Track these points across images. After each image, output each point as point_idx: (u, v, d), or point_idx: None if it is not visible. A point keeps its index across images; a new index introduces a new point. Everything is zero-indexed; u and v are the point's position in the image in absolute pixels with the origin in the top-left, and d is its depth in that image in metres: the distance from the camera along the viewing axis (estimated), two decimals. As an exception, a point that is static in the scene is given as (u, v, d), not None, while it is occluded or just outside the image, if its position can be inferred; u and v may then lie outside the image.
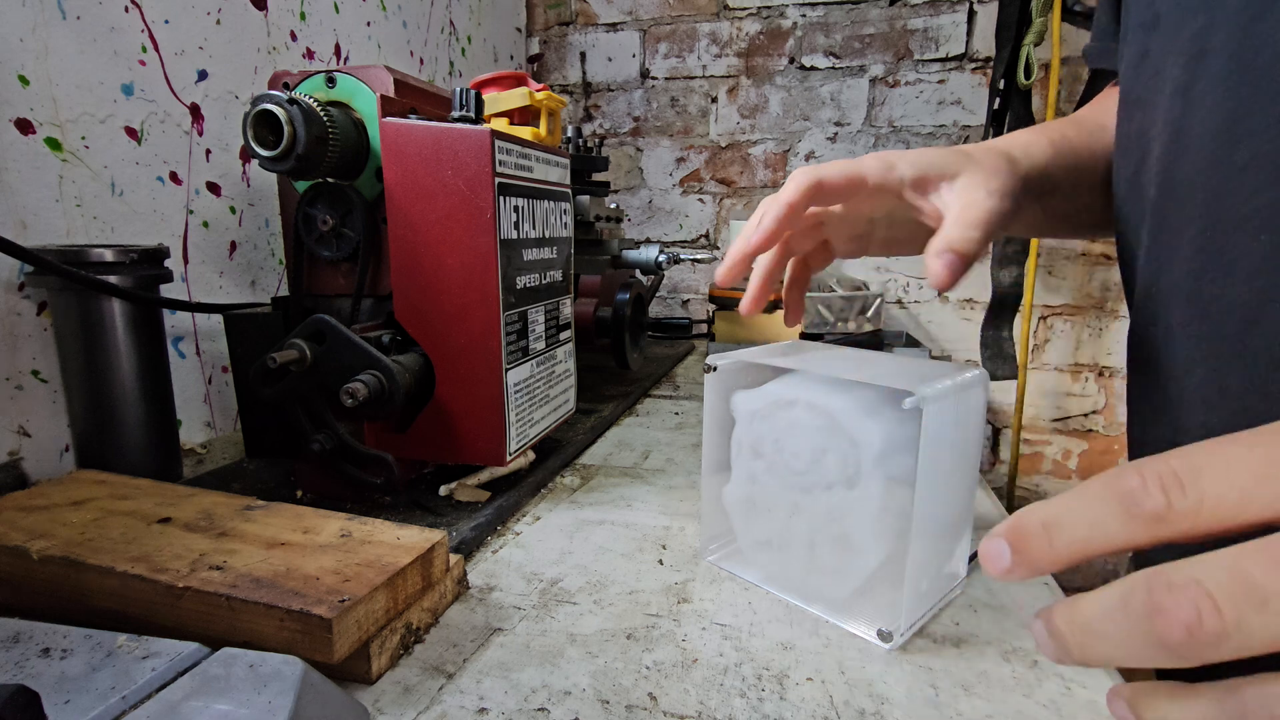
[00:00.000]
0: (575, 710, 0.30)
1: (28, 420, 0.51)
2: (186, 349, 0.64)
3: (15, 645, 0.27)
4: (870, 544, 0.34)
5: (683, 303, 1.46)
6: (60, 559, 0.32)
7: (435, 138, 0.44)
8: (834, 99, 1.31)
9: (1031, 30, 1.05)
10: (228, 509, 0.38)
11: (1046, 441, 1.33)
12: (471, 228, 0.45)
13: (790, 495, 0.37)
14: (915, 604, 0.35)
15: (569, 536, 0.47)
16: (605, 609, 0.38)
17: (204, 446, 0.64)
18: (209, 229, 0.66)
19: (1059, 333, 1.29)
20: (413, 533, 0.36)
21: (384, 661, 0.32)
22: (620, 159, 1.43)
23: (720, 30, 1.34)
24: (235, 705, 0.24)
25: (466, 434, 0.48)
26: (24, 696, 0.19)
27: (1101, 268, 1.25)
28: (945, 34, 1.24)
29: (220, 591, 0.30)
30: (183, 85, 0.63)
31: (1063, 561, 0.19)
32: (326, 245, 0.48)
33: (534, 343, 0.52)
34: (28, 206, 0.51)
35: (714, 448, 0.41)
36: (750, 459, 0.39)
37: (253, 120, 0.42)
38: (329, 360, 0.43)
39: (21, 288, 0.51)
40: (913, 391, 0.31)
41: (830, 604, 0.37)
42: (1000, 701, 0.30)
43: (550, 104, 0.67)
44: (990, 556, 0.20)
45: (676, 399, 0.85)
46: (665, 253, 0.91)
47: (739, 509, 0.40)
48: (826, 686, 0.31)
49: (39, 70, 0.51)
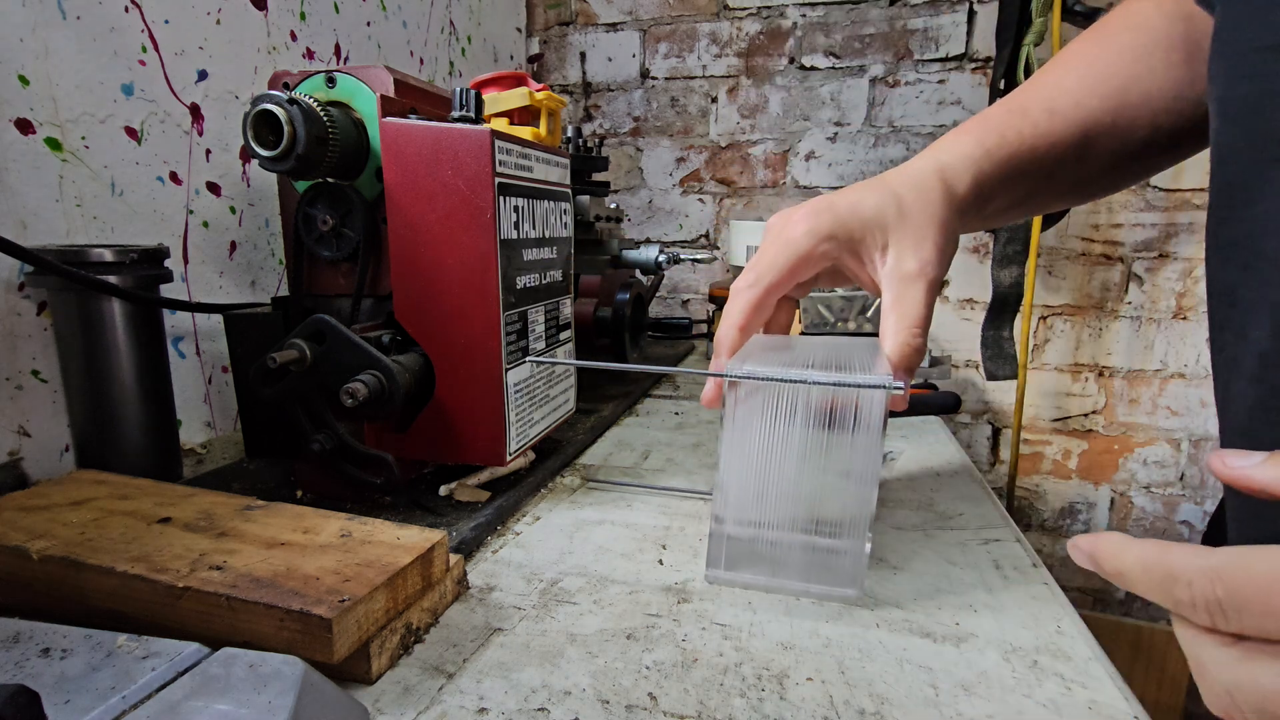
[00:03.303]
0: (575, 710, 0.30)
1: (28, 420, 0.51)
2: (186, 349, 0.64)
3: (15, 645, 0.27)
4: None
5: (683, 303, 1.46)
6: (60, 559, 0.32)
7: (435, 138, 0.44)
8: (834, 99, 1.31)
9: (1031, 30, 1.05)
10: (228, 509, 0.38)
11: (1046, 441, 1.33)
12: (471, 228, 0.45)
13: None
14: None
15: (569, 536, 0.47)
16: (605, 609, 0.38)
17: (204, 446, 0.64)
18: (209, 229, 0.66)
19: (1059, 333, 1.29)
20: (413, 533, 0.36)
21: (384, 661, 0.32)
22: (620, 159, 1.43)
23: (720, 30, 1.34)
24: (235, 705, 0.24)
25: (466, 434, 0.48)
26: (24, 696, 0.19)
27: (1101, 268, 1.25)
28: (945, 34, 1.24)
29: (220, 591, 0.30)
30: (183, 85, 0.63)
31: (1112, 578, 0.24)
32: (326, 245, 0.48)
33: (534, 343, 0.52)
34: (28, 206, 0.51)
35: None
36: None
37: (253, 120, 0.42)
38: (329, 360, 0.43)
39: (21, 288, 0.51)
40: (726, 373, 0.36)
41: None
42: (1000, 701, 0.30)
43: (550, 104, 0.67)
44: (1080, 549, 0.25)
45: (676, 399, 0.85)
46: (665, 253, 0.91)
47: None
48: (826, 686, 0.31)
49: (39, 70, 0.51)
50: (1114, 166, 0.45)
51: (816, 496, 0.37)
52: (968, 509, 0.52)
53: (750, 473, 0.38)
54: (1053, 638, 0.35)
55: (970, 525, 0.49)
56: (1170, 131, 0.44)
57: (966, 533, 0.48)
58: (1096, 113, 0.43)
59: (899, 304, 0.39)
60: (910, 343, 0.38)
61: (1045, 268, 1.27)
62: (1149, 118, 0.43)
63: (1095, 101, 0.43)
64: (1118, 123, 0.43)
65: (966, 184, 0.41)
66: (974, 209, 0.42)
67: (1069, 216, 1.21)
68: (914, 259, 0.39)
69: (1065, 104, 0.43)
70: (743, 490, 0.38)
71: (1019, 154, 0.42)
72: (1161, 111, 0.43)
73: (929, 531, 0.48)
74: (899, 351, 0.38)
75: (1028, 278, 1.14)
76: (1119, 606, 1.34)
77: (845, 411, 0.35)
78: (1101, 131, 0.43)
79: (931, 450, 0.66)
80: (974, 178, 0.41)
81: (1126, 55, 0.43)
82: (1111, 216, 1.24)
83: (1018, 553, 0.45)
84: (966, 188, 0.41)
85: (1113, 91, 0.43)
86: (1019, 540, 0.47)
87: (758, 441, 0.37)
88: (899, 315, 0.39)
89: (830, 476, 0.36)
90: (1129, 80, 0.43)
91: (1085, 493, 1.32)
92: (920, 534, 0.47)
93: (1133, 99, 0.43)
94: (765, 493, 0.38)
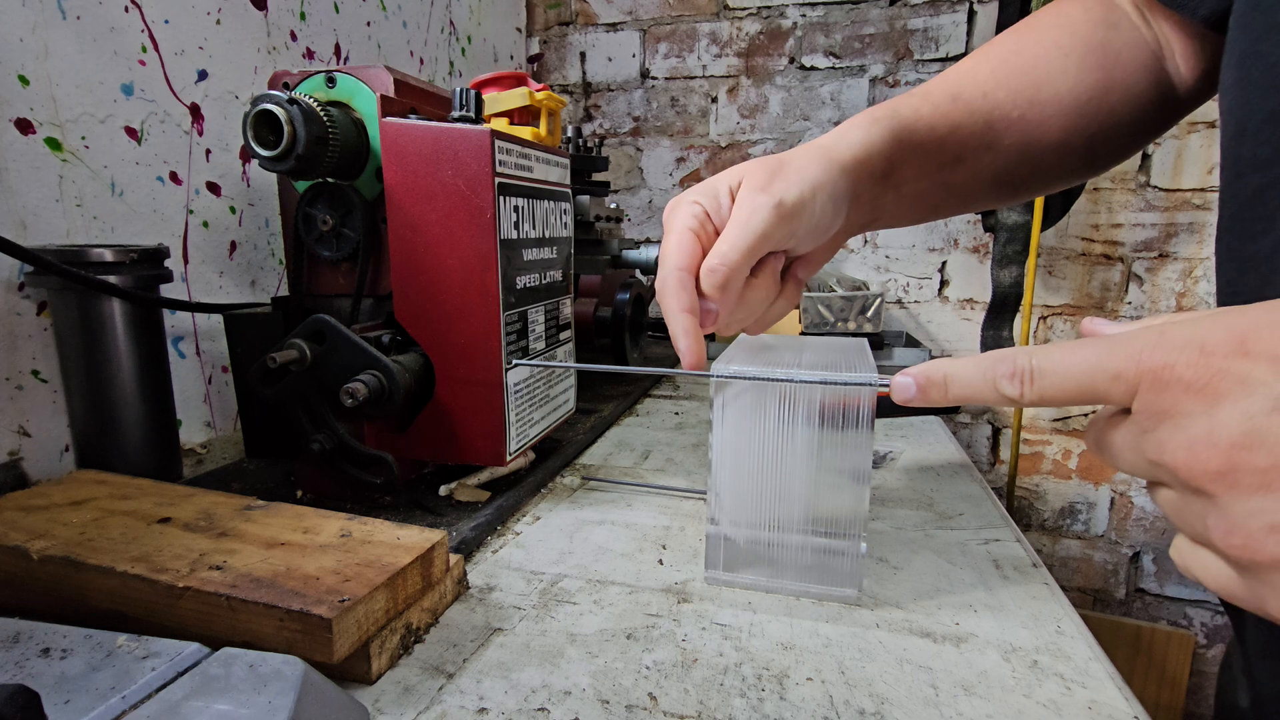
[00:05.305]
0: (575, 710, 0.30)
1: (28, 420, 0.51)
2: (186, 349, 0.64)
3: (15, 645, 0.27)
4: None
5: (683, 303, 1.46)
6: (60, 559, 0.32)
7: (435, 138, 0.44)
8: (834, 99, 1.31)
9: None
10: (228, 509, 0.38)
11: (1046, 441, 1.33)
12: (471, 228, 0.45)
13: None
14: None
15: (569, 536, 0.47)
16: (605, 609, 0.38)
17: (204, 446, 0.64)
18: (209, 229, 0.66)
19: (1059, 333, 1.29)
20: (413, 533, 0.36)
21: (384, 661, 0.32)
22: (620, 159, 1.43)
23: (720, 30, 1.34)
24: (235, 705, 0.24)
25: (466, 434, 0.48)
26: (24, 696, 0.19)
27: (1101, 267, 1.25)
28: (945, 34, 1.24)
29: (220, 591, 0.30)
30: (183, 85, 0.63)
31: (947, 404, 0.28)
32: (326, 245, 0.48)
33: (534, 343, 0.52)
34: (28, 206, 0.51)
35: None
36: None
37: (253, 120, 0.42)
38: (329, 360, 0.43)
39: (21, 288, 0.51)
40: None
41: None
42: (1000, 701, 0.30)
43: (550, 104, 0.67)
44: (900, 387, 0.29)
45: (676, 399, 0.85)
46: (665, 253, 0.91)
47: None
48: (826, 686, 0.31)
49: (39, 70, 0.51)
50: (1032, 164, 0.45)
51: (810, 496, 0.37)
52: (968, 509, 0.52)
53: (742, 473, 0.38)
54: (1053, 638, 0.35)
55: (970, 525, 0.49)
56: (1085, 139, 0.44)
57: (966, 533, 0.48)
58: (1004, 105, 0.43)
59: (732, 224, 0.36)
60: (720, 260, 0.35)
61: (1045, 268, 1.27)
62: (1060, 120, 0.43)
63: (1002, 94, 0.43)
64: (1026, 118, 0.43)
65: (854, 143, 0.40)
66: (868, 175, 0.40)
67: (1069, 216, 1.21)
68: (763, 176, 0.37)
69: (972, 92, 0.43)
70: (736, 491, 0.38)
71: (915, 130, 0.42)
72: (1074, 115, 0.43)
73: (929, 531, 0.48)
74: (709, 262, 0.35)
75: (1028, 278, 1.14)
76: (1119, 606, 1.34)
77: (834, 410, 0.35)
78: (1009, 125, 0.43)
79: (931, 450, 0.66)
80: (862, 143, 0.40)
81: (1046, 54, 0.44)
82: (1111, 216, 1.24)
83: (1018, 553, 0.45)
84: (853, 147, 0.39)
85: (1024, 87, 0.43)
86: (1019, 540, 0.47)
87: (748, 442, 0.37)
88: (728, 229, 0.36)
89: (822, 475, 0.36)
90: (1043, 79, 0.43)
91: (1085, 493, 1.32)
92: (920, 534, 0.47)
93: (1043, 97, 0.43)
94: (758, 493, 0.38)
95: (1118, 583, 1.33)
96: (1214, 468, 0.20)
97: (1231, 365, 0.20)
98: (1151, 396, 0.22)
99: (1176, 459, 0.21)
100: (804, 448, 0.36)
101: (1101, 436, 0.25)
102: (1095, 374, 0.23)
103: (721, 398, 0.37)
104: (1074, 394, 0.24)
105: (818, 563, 0.38)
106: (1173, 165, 1.20)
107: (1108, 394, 0.23)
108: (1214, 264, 0.41)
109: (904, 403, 0.29)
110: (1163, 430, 0.22)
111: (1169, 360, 0.21)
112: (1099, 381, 0.23)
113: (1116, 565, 1.33)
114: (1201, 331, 0.21)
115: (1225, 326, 0.21)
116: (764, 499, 0.38)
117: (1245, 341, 0.20)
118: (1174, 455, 0.21)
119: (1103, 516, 1.32)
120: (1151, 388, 0.22)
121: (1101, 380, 0.23)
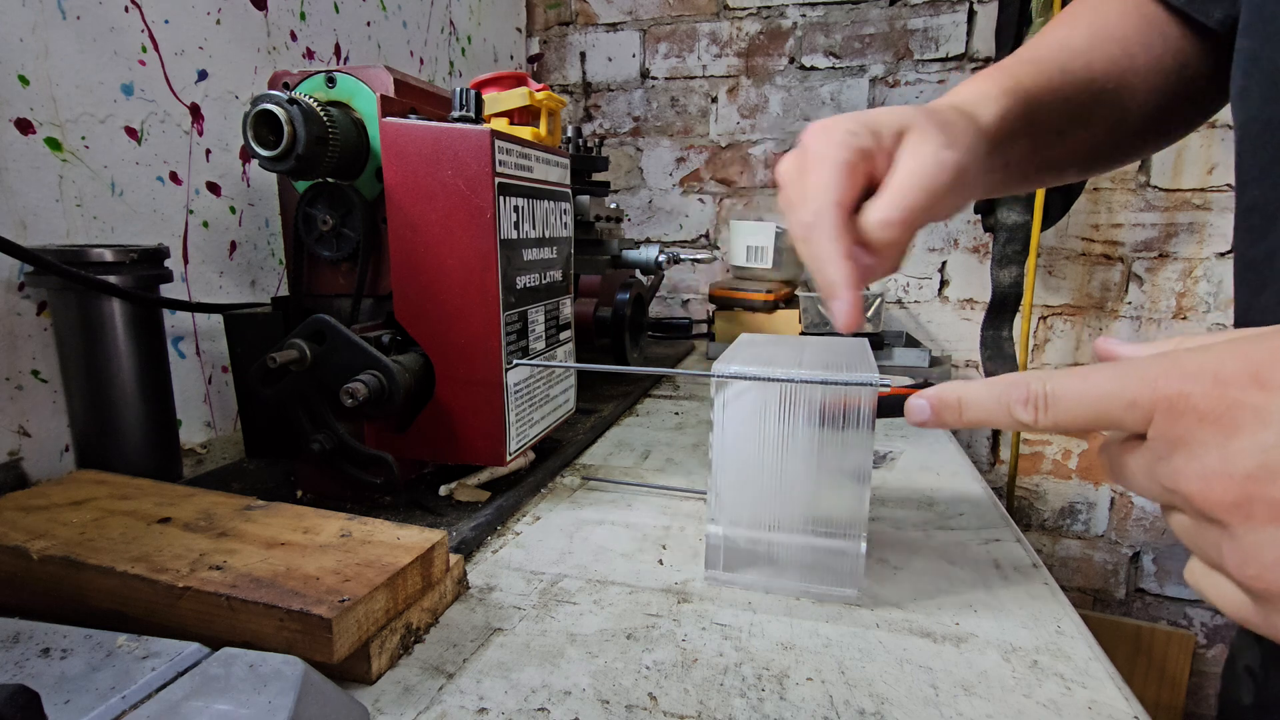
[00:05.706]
0: (575, 710, 0.30)
1: (28, 420, 0.51)
2: (186, 349, 0.64)
3: (15, 645, 0.27)
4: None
5: (683, 303, 1.46)
6: (60, 559, 0.32)
7: (435, 138, 0.44)
8: (834, 99, 1.31)
9: (1031, 30, 1.05)
10: (228, 509, 0.38)
11: (1046, 441, 1.33)
12: (471, 228, 0.45)
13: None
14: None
15: (569, 536, 0.47)
16: (605, 609, 0.38)
17: (204, 446, 0.64)
18: (209, 229, 0.66)
19: (1059, 333, 1.29)
20: (413, 533, 0.36)
21: (384, 661, 0.32)
22: (620, 159, 1.43)
23: (720, 30, 1.34)
24: (235, 705, 0.24)
25: (466, 434, 0.48)
26: (24, 696, 0.19)
27: (1101, 267, 1.25)
28: (945, 34, 1.24)
29: (220, 591, 0.30)
30: (183, 85, 0.63)
31: (961, 427, 0.28)
32: (326, 245, 0.48)
33: (534, 343, 0.52)
34: (28, 206, 0.51)
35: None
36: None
37: (253, 120, 0.42)
38: (329, 360, 0.43)
39: (21, 288, 0.51)
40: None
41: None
42: (1000, 701, 0.30)
43: (550, 104, 0.67)
44: (914, 410, 0.29)
45: (676, 399, 0.85)
46: (665, 253, 0.91)
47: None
48: (826, 686, 0.31)
49: (39, 70, 0.51)
50: (1114, 137, 0.44)
51: (810, 496, 0.37)
52: (968, 509, 0.52)
53: (743, 473, 0.38)
54: (1053, 638, 0.35)
55: (970, 525, 0.49)
56: (1163, 113, 0.43)
57: (966, 533, 0.48)
58: (1100, 79, 0.41)
59: (909, 173, 0.32)
60: (900, 211, 0.31)
61: (1045, 268, 1.27)
62: (1143, 95, 0.42)
63: (1100, 66, 0.41)
64: (1120, 90, 0.42)
65: (993, 113, 0.37)
66: (997, 146, 0.38)
67: (1069, 216, 1.21)
68: (936, 132, 0.33)
69: (1077, 64, 0.41)
70: (736, 491, 0.38)
71: (1040, 105, 0.39)
72: (1157, 90, 0.42)
73: (929, 531, 0.48)
74: (880, 214, 0.31)
75: (1027, 278, 1.14)
76: (1119, 606, 1.34)
77: (834, 410, 0.35)
78: (1105, 99, 0.42)
79: (931, 450, 0.66)
80: (999, 116, 0.37)
81: (1133, 24, 0.42)
82: (1111, 216, 1.24)
83: (1018, 553, 0.45)
84: (992, 117, 0.37)
85: (1118, 56, 0.42)
86: (1019, 540, 0.47)
87: (749, 442, 0.37)
88: (906, 173, 0.32)
89: (822, 475, 0.36)
90: (1135, 49, 0.42)
91: (1085, 493, 1.32)
92: (920, 534, 0.47)
93: (1137, 65, 0.42)
94: (758, 493, 0.38)
95: (1118, 583, 1.33)
96: (1229, 499, 0.20)
97: (1247, 397, 0.20)
98: (1167, 425, 0.22)
99: (1191, 488, 0.21)
100: (804, 447, 0.36)
101: (1116, 460, 0.25)
102: (1110, 400, 0.23)
103: (722, 398, 0.37)
104: (1088, 420, 0.24)
105: (818, 562, 0.38)
106: (1173, 165, 1.20)
107: (1122, 421, 0.23)
108: (1215, 264, 0.41)
109: (918, 425, 0.29)
110: (1178, 458, 0.22)
111: (1184, 389, 0.21)
112: (1114, 408, 0.23)
113: (1116, 565, 1.33)
114: (1216, 360, 0.21)
115: (1240, 355, 0.21)
116: (764, 499, 0.38)
117: (1259, 373, 0.20)
118: (1189, 484, 0.21)
119: (1103, 516, 1.32)
120: (1167, 416, 0.22)
121: (1116, 407, 0.23)
